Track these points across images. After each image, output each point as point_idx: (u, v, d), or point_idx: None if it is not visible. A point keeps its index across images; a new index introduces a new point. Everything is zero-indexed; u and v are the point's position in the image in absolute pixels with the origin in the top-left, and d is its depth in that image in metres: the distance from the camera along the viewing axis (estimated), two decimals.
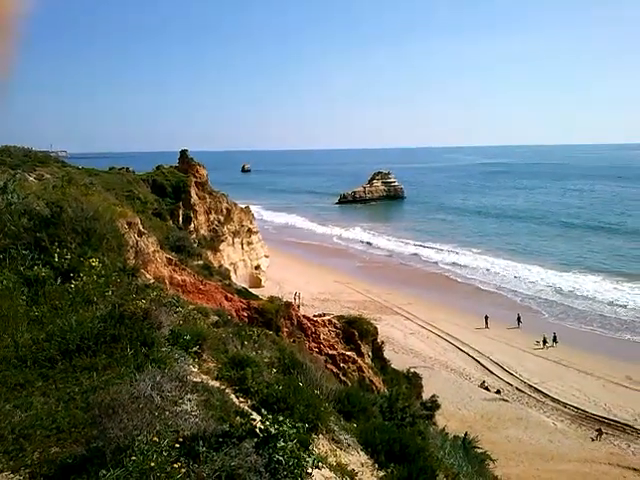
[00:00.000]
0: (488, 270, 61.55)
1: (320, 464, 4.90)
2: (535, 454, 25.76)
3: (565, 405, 30.68)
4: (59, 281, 7.55)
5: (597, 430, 27.54)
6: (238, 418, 4.42)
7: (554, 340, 38.90)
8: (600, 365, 35.17)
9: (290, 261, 64.16)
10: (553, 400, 31.27)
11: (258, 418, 4.45)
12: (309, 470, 3.95)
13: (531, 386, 33.02)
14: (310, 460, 4.00)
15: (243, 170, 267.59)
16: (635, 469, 24.54)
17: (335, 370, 19.78)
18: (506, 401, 31.14)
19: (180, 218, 46.16)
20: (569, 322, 44.31)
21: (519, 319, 42.73)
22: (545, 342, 38.82)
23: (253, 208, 64.01)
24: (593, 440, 26.98)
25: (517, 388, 33.00)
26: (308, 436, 4.45)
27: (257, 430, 4.10)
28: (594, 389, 32.27)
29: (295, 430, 4.13)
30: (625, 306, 46.81)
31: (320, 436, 6.31)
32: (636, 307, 46.52)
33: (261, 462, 3.73)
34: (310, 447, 4.51)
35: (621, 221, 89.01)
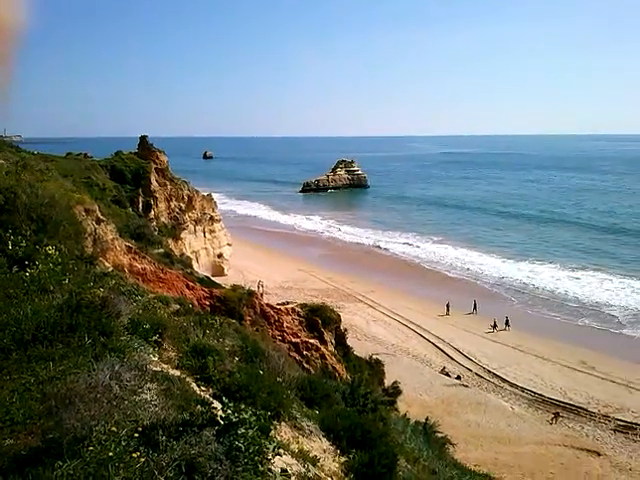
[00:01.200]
0: (448, 258, 62.74)
1: (282, 451, 4.91)
2: (494, 438, 26.42)
3: (523, 390, 31.52)
4: (14, 269, 7.33)
5: (554, 414, 28.43)
6: (199, 407, 4.38)
7: (506, 324, 40.23)
8: (557, 351, 36.27)
9: (253, 249, 63.89)
10: (511, 385, 32.10)
11: (219, 406, 4.42)
12: (270, 457, 3.95)
13: (490, 371, 33.80)
14: (271, 447, 4.00)
15: (205, 157, 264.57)
16: (588, 450, 25.45)
17: (298, 358, 19.84)
18: (466, 386, 31.80)
19: (140, 205, 45.28)
20: (529, 309, 45.55)
21: (475, 306, 43.86)
22: (495, 326, 40.19)
23: (215, 196, 63.25)
24: (550, 423, 27.85)
25: (477, 374, 33.74)
26: (269, 423, 4.45)
27: (218, 418, 4.08)
28: (551, 374, 33.26)
29: (256, 418, 4.12)
30: (579, 295, 48.28)
31: (282, 423, 6.32)
32: (590, 295, 48.11)
33: (221, 450, 3.70)
34: (271, 434, 4.51)
35: (574, 212, 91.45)
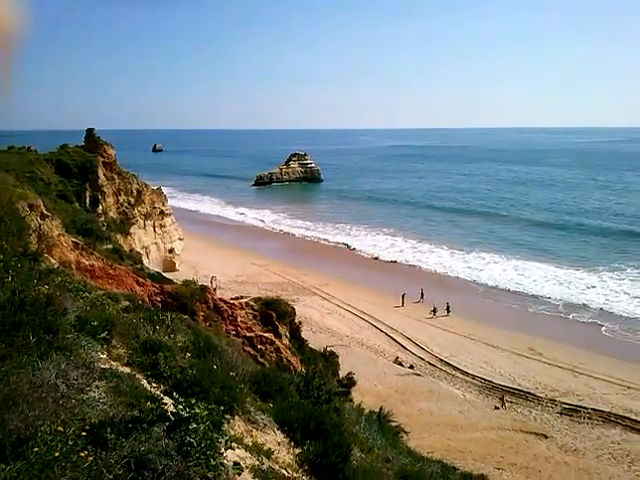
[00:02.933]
0: (400, 251, 63.79)
1: (235, 444, 4.89)
2: (446, 425, 27.03)
3: (473, 377, 32.34)
4: None
5: (500, 398, 29.33)
6: (149, 403, 4.31)
7: (447, 310, 41.84)
8: (505, 338, 37.36)
9: (206, 244, 63.19)
10: (462, 372, 32.87)
11: (170, 402, 4.36)
12: (222, 451, 3.93)
13: (442, 360, 34.53)
14: (223, 441, 3.98)
15: (154, 150, 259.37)
16: (536, 433, 26.39)
17: (253, 352, 19.77)
18: (419, 375, 32.40)
19: (87, 200, 44.00)
20: (478, 298, 46.78)
21: (422, 294, 44.90)
22: (435, 311, 41.76)
23: (166, 189, 62.11)
24: (497, 409, 28.68)
25: (429, 362, 34.40)
26: (222, 418, 4.42)
27: (169, 414, 4.02)
28: (500, 361, 34.24)
29: (208, 412, 4.09)
30: (524, 284, 49.87)
31: (236, 417, 6.29)
32: (535, 285, 49.85)
33: (172, 445, 3.66)
34: (224, 428, 4.48)
35: (518, 205, 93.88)
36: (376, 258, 60.92)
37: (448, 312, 41.86)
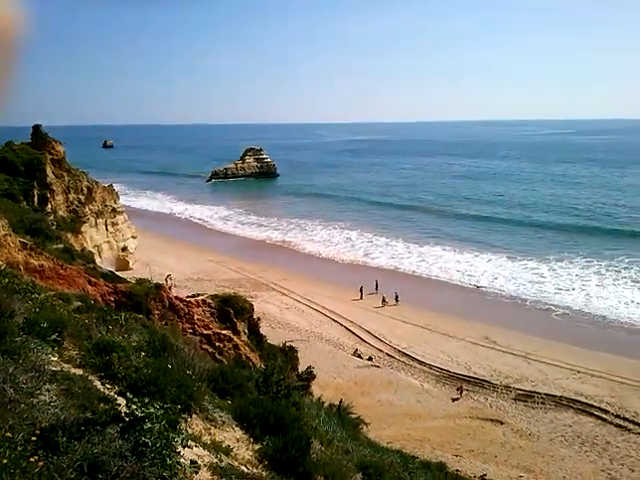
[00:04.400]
0: (356, 245, 64.37)
1: (193, 443, 4.83)
2: (405, 414, 27.46)
3: (431, 367, 32.90)
4: None
5: (457, 389, 29.95)
6: (102, 405, 4.21)
7: (396, 299, 43.04)
8: (461, 328, 38.15)
9: (160, 242, 62.12)
10: (420, 363, 33.39)
11: (124, 403, 4.27)
12: (178, 449, 3.87)
13: (400, 351, 34.99)
14: (179, 440, 3.92)
15: (105, 146, 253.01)
16: (492, 420, 27.11)
17: (211, 350, 19.56)
18: (377, 367, 32.75)
19: (35, 199, 42.54)
20: (434, 290, 47.65)
21: (377, 285, 45.61)
22: (384, 300, 42.94)
23: (117, 187, 60.61)
24: (456, 399, 29.28)
25: (387, 354, 34.81)
26: (178, 416, 4.35)
27: (122, 415, 3.94)
28: (456, 350, 34.94)
29: (163, 411, 4.02)
30: (474, 276, 51.18)
31: (194, 416, 6.22)
32: (486, 274, 51.29)
33: (126, 446, 3.58)
34: (180, 427, 4.42)
35: (474, 200, 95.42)
36: (332, 253, 61.15)
37: (397, 301, 43.06)
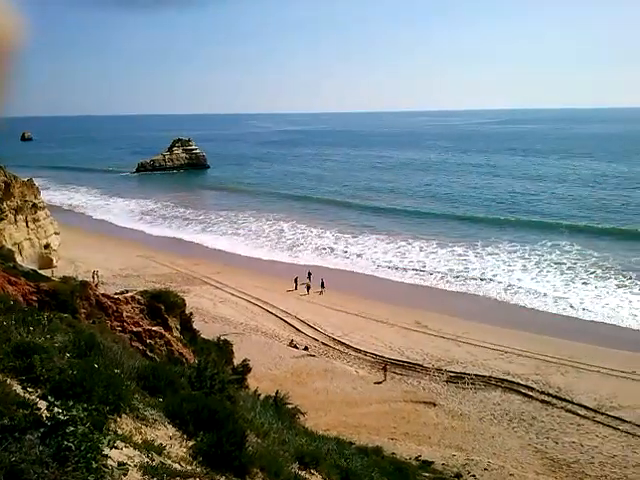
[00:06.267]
0: (287, 235, 64.34)
1: (122, 444, 4.65)
2: (341, 402, 27.79)
3: (365, 353, 33.42)
4: None
5: (382, 369, 30.53)
6: (21, 410, 3.98)
7: (322, 286, 44.06)
8: (394, 314, 38.94)
9: (85, 237, 59.84)
10: (355, 350, 33.85)
11: (45, 406, 4.05)
12: (105, 451, 3.71)
13: (335, 339, 35.34)
14: (106, 441, 3.76)
15: (24, 139, 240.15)
16: (425, 402, 27.89)
17: (141, 347, 19.01)
18: (313, 356, 32.96)
19: None
20: (366, 278, 48.42)
21: (309, 275, 45.83)
22: (309, 287, 44.07)
23: (38, 181, 57.68)
24: (379, 383, 29.82)
25: (323, 342, 35.08)
26: (104, 417, 4.18)
27: (43, 419, 3.74)
28: (389, 335, 35.64)
29: (88, 413, 3.84)
30: (403, 262, 52.59)
31: (123, 416, 6.01)
32: (415, 261, 52.57)
33: (48, 452, 3.40)
34: (109, 428, 4.25)
35: (406, 191, 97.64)
36: (264, 245, 60.96)
37: (322, 288, 43.99)
